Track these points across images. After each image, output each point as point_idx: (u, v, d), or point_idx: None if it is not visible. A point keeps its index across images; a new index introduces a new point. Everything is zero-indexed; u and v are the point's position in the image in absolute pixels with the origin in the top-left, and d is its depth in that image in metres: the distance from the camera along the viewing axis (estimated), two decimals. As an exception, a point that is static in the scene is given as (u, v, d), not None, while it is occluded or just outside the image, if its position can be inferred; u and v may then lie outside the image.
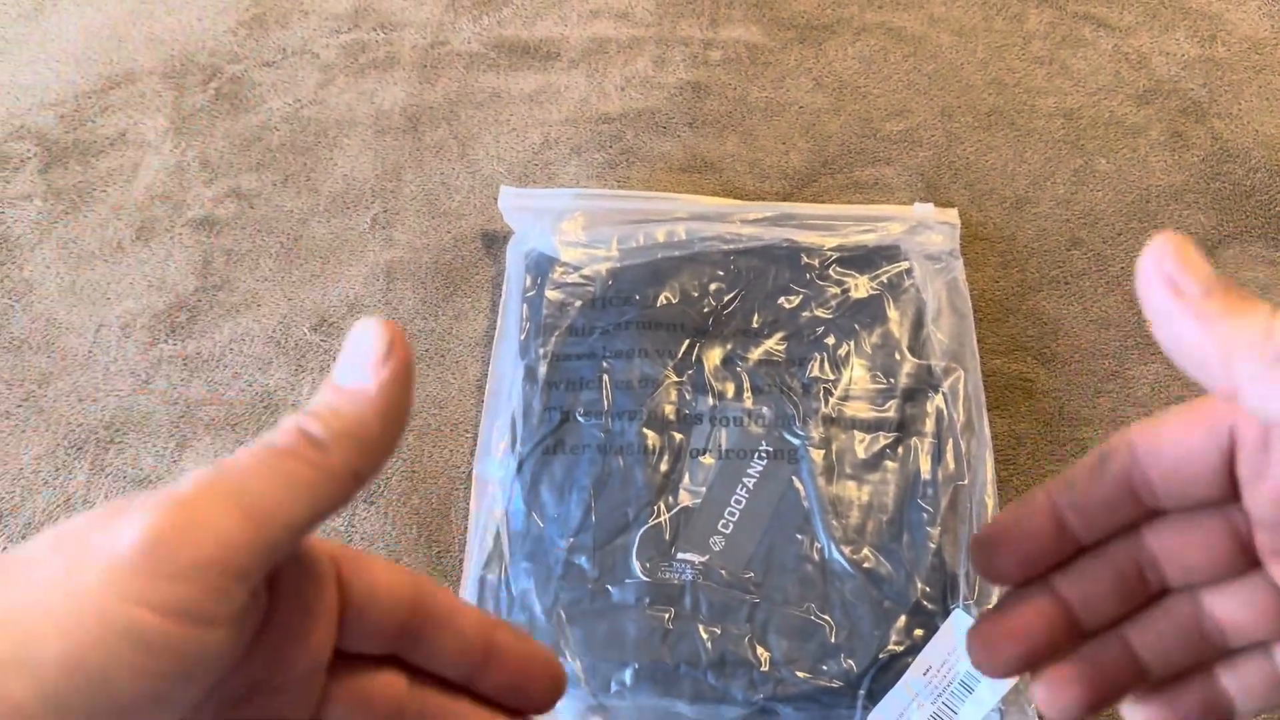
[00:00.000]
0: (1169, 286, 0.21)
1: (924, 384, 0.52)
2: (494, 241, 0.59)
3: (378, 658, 0.23)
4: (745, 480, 0.49)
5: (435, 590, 0.23)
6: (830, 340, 0.53)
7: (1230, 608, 0.24)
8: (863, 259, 0.56)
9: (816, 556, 0.47)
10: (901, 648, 0.45)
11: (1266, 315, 0.20)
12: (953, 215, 0.58)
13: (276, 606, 0.21)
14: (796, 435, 0.50)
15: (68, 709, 0.16)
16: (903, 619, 0.46)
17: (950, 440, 0.50)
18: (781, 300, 0.55)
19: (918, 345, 0.53)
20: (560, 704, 0.45)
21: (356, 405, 0.20)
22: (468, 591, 0.48)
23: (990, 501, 0.49)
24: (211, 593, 0.17)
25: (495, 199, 0.59)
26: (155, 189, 0.61)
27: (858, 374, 0.52)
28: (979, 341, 0.54)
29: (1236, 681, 0.25)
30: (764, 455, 0.50)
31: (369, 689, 0.23)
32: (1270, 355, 0.19)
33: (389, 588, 0.23)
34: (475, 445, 0.52)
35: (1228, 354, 0.20)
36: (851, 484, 0.49)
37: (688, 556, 0.48)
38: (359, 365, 0.20)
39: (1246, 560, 0.24)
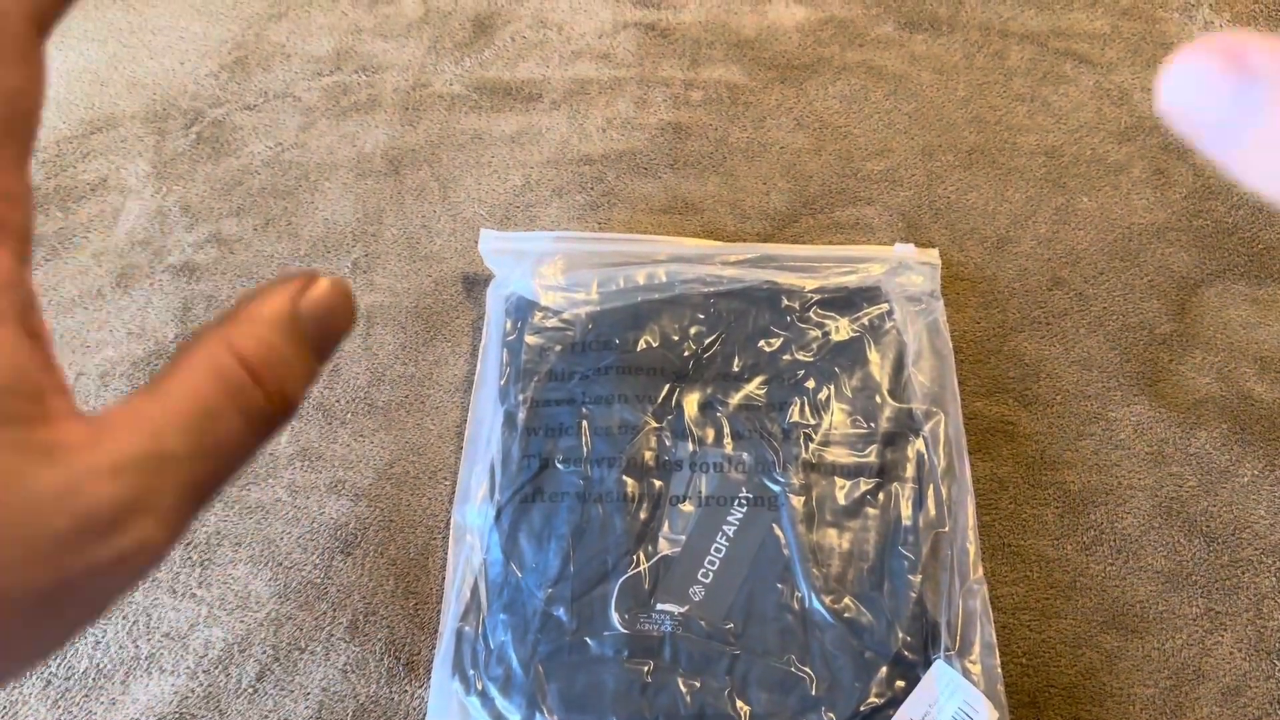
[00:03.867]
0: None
1: (905, 428, 0.52)
2: (474, 285, 0.59)
3: None
4: (725, 528, 0.49)
5: None
6: (811, 384, 0.53)
7: None
8: (843, 301, 0.56)
9: (797, 606, 0.47)
10: (882, 700, 0.45)
11: None
12: (934, 255, 0.58)
13: None
14: (777, 481, 0.50)
15: None
16: (884, 670, 0.45)
17: (931, 485, 0.50)
18: (762, 343, 0.54)
19: (898, 388, 0.53)
20: (538, 759, 0.45)
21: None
22: (445, 644, 0.47)
23: (972, 548, 0.49)
24: None
25: (476, 242, 0.59)
26: (136, 235, 0.61)
27: (838, 418, 0.52)
28: (960, 384, 0.54)
29: None
30: (744, 502, 0.50)
31: None
32: None
33: None
34: (454, 492, 0.52)
35: None
36: (832, 531, 0.49)
37: (667, 607, 0.47)
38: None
39: None
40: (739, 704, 0.45)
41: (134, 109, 0.67)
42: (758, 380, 0.53)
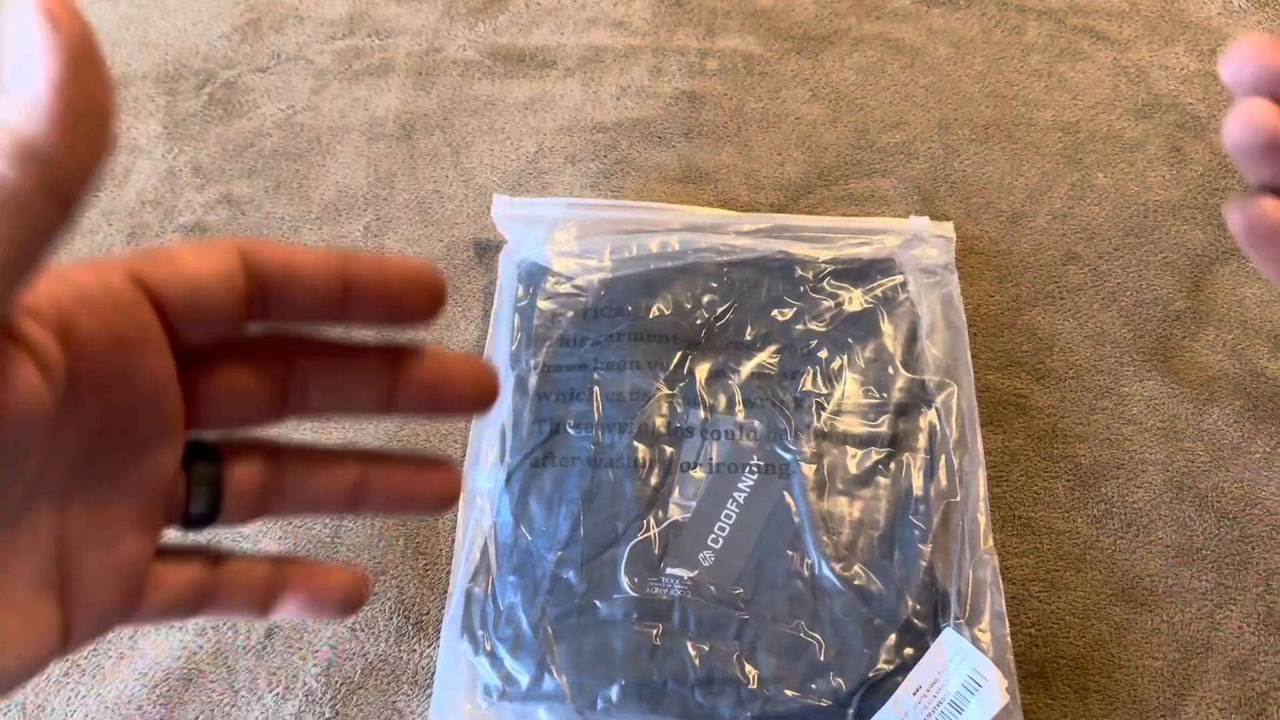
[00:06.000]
0: None
1: (917, 399, 0.51)
2: (486, 250, 0.59)
3: (247, 343, 0.23)
4: (736, 495, 0.49)
5: (259, 247, 0.22)
6: (823, 354, 0.53)
7: None
8: (857, 272, 0.56)
9: (806, 573, 0.47)
10: (891, 666, 0.45)
11: None
12: (948, 229, 0.57)
13: (81, 350, 0.19)
14: (788, 450, 0.50)
15: None
16: (893, 637, 0.45)
17: (943, 456, 0.50)
18: (775, 313, 0.54)
19: (911, 360, 0.53)
20: (547, 719, 0.45)
21: (29, 116, 0.16)
22: (454, 604, 0.47)
23: (982, 519, 0.48)
24: None
25: (488, 207, 0.59)
26: (146, 194, 0.61)
27: (850, 388, 0.52)
28: (973, 356, 0.54)
29: None
30: (755, 470, 0.50)
31: (237, 376, 0.23)
32: None
33: (201, 276, 0.21)
34: (464, 456, 0.52)
35: None
36: (843, 500, 0.49)
37: (676, 572, 0.47)
38: (25, 62, 0.16)
39: None
40: (748, 668, 0.45)
41: (146, 69, 0.66)
42: (770, 349, 0.53)
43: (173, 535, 0.24)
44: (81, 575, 0.21)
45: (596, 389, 0.51)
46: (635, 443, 0.50)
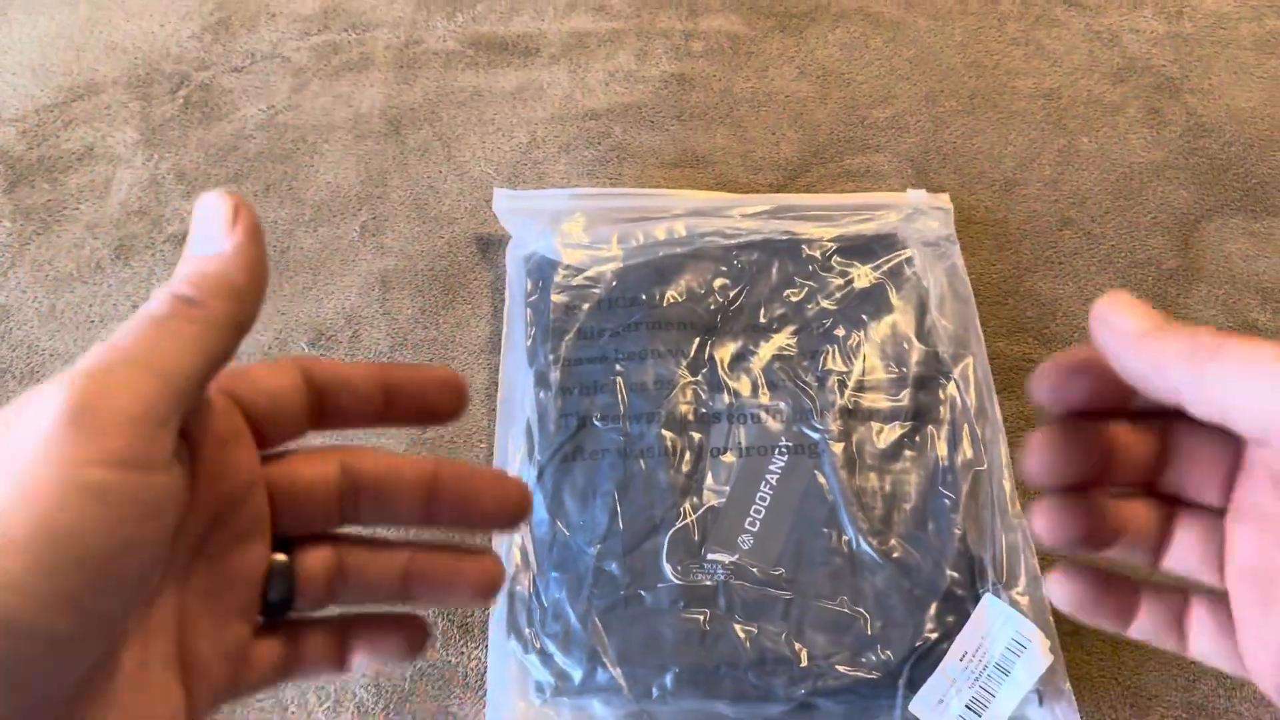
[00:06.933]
0: (1110, 328, 0.25)
1: (935, 371, 0.52)
2: (489, 245, 0.58)
3: (314, 456, 0.27)
4: (768, 477, 0.49)
5: (315, 364, 0.26)
6: (840, 332, 0.53)
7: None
8: (863, 248, 0.56)
9: (845, 549, 0.48)
10: (936, 635, 0.46)
11: (1189, 333, 0.23)
12: (945, 200, 0.58)
13: (197, 448, 0.23)
14: (815, 429, 0.50)
15: (57, 572, 0.18)
16: (934, 607, 0.46)
17: (965, 426, 0.51)
18: (787, 293, 0.55)
19: (924, 333, 0.54)
20: (603, 711, 0.45)
21: (219, 263, 0.22)
22: (499, 605, 0.47)
23: (1008, 485, 0.50)
24: (144, 440, 0.20)
25: (486, 201, 0.58)
26: (130, 204, 0.59)
27: (870, 364, 0.52)
28: (981, 325, 0.55)
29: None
30: (784, 450, 0.50)
31: (303, 472, 0.26)
32: (1196, 359, 0.23)
33: (277, 389, 0.25)
34: (491, 455, 0.51)
35: (1160, 367, 0.23)
36: (873, 475, 0.50)
37: (718, 556, 0.48)
38: (211, 235, 0.23)
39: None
40: (797, 646, 0.46)
41: (115, 74, 0.64)
42: (787, 330, 0.53)
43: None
44: (198, 657, 0.24)
45: (619, 380, 0.51)
46: (664, 431, 0.50)
